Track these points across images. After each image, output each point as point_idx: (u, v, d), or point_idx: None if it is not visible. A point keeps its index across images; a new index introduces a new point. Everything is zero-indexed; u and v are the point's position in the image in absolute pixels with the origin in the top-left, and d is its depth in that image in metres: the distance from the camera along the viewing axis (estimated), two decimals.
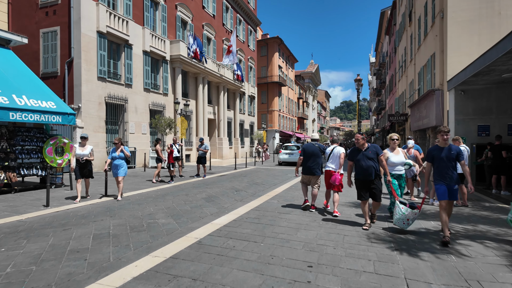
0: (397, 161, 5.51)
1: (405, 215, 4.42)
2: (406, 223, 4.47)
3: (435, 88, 13.74)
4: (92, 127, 13.87)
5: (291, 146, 20.16)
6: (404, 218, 4.43)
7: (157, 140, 10.83)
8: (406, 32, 23.42)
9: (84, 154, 7.04)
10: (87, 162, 7.14)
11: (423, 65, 17.23)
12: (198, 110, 21.93)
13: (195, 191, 8.34)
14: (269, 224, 4.99)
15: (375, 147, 4.94)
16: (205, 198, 7.30)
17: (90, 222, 5.02)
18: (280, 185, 9.85)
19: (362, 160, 4.85)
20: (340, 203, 6.78)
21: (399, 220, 4.50)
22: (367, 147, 4.94)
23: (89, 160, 7.18)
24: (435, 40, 14.39)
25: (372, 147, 4.94)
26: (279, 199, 7.37)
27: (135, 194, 7.85)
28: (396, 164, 5.51)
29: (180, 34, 20.55)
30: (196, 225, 4.91)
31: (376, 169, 4.83)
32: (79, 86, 13.42)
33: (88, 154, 7.13)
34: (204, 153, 11.75)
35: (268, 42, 40.79)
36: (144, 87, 17.07)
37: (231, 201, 7.01)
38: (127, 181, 10.39)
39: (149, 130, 17.37)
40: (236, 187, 9.34)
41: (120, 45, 15.75)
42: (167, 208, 6.14)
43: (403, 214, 4.42)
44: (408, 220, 4.43)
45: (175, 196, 7.60)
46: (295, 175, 6.56)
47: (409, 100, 21.89)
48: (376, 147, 4.96)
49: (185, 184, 9.79)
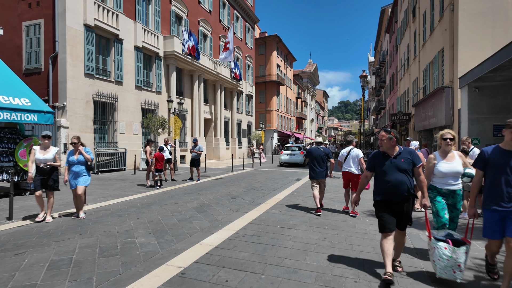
0: (450, 170, 3.55)
1: (453, 260, 2.89)
2: (458, 270, 2.89)
3: (444, 85, 12.94)
4: (79, 127, 12.94)
5: (292, 147, 19.67)
6: (453, 264, 2.89)
7: (148, 141, 9.94)
8: (409, 29, 22.64)
9: (47, 158, 5.37)
10: (52, 170, 5.46)
11: (429, 62, 16.43)
12: (194, 109, 21.02)
13: (186, 199, 7.44)
14: (271, 245, 4.12)
15: (410, 153, 3.23)
16: (197, 208, 6.41)
17: (53, 243, 4.12)
18: (280, 190, 8.98)
19: (389, 172, 3.16)
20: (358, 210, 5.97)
21: (446, 268, 2.93)
22: (398, 152, 3.22)
23: (55, 166, 5.53)
24: (443, 35, 13.59)
25: (406, 152, 3.23)
26: (280, 208, 6.50)
27: (117, 203, 6.95)
28: (448, 175, 3.57)
29: (175, 30, 19.63)
30: (181, 247, 4.03)
31: (410, 186, 3.15)
32: (64, 83, 12.48)
33: (52, 159, 5.43)
34: (198, 155, 10.86)
35: (266, 40, 39.92)
36: (136, 84, 16.15)
37: (226, 212, 6.13)
38: (112, 186, 9.48)
39: (141, 130, 16.44)
40: (232, 193, 8.45)
41: (110, 40, 14.81)
42: (150, 222, 5.25)
43: (450, 258, 2.90)
44: (460, 265, 2.88)
45: (162, 205, 6.70)
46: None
47: (412, 99, 21.10)
48: (411, 152, 3.24)
49: (176, 190, 8.88)
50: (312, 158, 6.20)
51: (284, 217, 5.66)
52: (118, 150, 14.71)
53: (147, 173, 9.66)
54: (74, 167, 5.57)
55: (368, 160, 3.48)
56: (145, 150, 9.71)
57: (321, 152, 6.19)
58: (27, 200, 7.14)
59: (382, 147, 3.28)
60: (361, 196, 7.07)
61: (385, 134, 3.23)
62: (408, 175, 3.17)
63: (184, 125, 20.52)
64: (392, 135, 3.21)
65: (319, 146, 6.42)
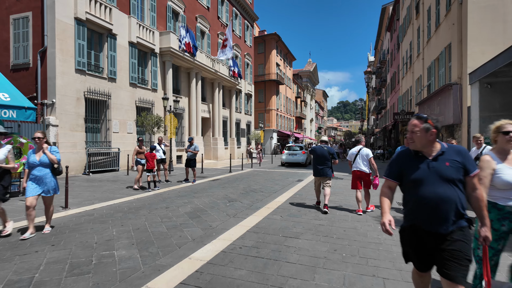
0: None
1: None
2: None
3: (452, 82, 12.36)
4: (69, 126, 12.31)
5: (294, 147, 19.30)
6: None
7: (139, 140, 9.29)
8: (412, 26, 22.10)
9: None
10: (3, 174, 4.37)
11: (434, 59, 15.87)
12: (191, 108, 20.40)
13: (179, 202, 6.83)
14: (273, 259, 3.52)
15: (459, 153, 2.06)
16: (190, 213, 5.80)
17: (16, 257, 3.51)
18: (281, 193, 8.38)
19: (426, 182, 2.02)
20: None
21: None
22: (441, 152, 2.06)
23: (7, 169, 4.37)
24: (450, 29, 13.03)
25: (453, 152, 2.07)
26: (282, 213, 5.90)
27: (103, 207, 6.34)
28: None
29: (171, 26, 19.02)
30: (167, 262, 3.43)
31: (462, 206, 1.98)
32: (53, 79, 11.86)
33: (2, 160, 4.33)
34: (194, 154, 10.25)
35: (266, 38, 39.35)
36: (130, 81, 15.52)
37: (222, 217, 5.53)
38: (102, 188, 8.87)
39: (136, 129, 15.82)
40: (230, 195, 7.85)
41: (103, 35, 14.19)
42: (136, 230, 4.64)
43: None
44: None
45: (151, 209, 6.09)
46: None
47: (416, 98, 20.55)
48: (461, 152, 2.07)
49: (169, 193, 8.27)
50: (315, 156, 6.31)
51: (286, 224, 5.06)
52: (111, 149, 14.10)
53: (138, 175, 9.04)
54: (36, 170, 4.35)
55: (390, 163, 2.29)
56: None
57: (324, 151, 6.25)
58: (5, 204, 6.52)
59: (414, 143, 2.09)
60: (370, 192, 6.61)
61: (418, 122, 2.05)
62: (458, 188, 1.98)
63: (181, 124, 19.92)
64: (430, 123, 2.02)
65: (323, 145, 6.43)
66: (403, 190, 2.19)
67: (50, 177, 4.46)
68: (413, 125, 2.10)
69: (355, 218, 5.55)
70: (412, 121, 2.13)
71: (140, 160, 9.01)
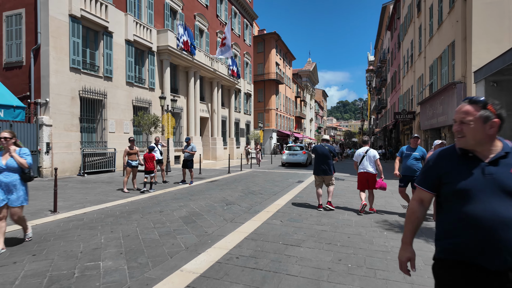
0: None
1: None
2: None
3: (456, 81, 12.08)
4: (63, 125, 12.00)
5: (294, 147, 19.18)
6: None
7: (130, 140, 8.89)
8: (413, 24, 21.82)
9: None
10: None
11: (436, 57, 15.59)
12: (189, 107, 20.09)
13: (174, 206, 6.53)
14: (272, 271, 3.22)
15: None
16: (185, 218, 5.50)
17: None
18: (281, 195, 8.09)
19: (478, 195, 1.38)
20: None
21: None
22: (503, 154, 1.41)
23: None
24: (454, 27, 12.74)
25: None
26: (282, 217, 5.60)
27: (94, 211, 6.04)
28: None
29: (169, 24, 18.70)
30: (157, 274, 3.13)
31: None
32: (47, 78, 11.54)
33: None
34: (191, 155, 9.94)
35: (265, 38, 39.04)
36: (127, 80, 15.21)
37: (218, 222, 5.23)
38: (95, 190, 8.56)
39: (133, 129, 15.51)
40: (228, 198, 7.55)
41: (98, 33, 13.88)
42: (126, 237, 4.34)
43: None
44: None
45: (145, 214, 5.79)
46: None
47: (417, 97, 20.27)
48: None
49: (164, 195, 7.97)
50: (317, 155, 6.36)
51: (287, 230, 4.76)
52: (107, 150, 13.79)
53: (131, 177, 8.71)
54: (2, 176, 3.76)
55: (424, 169, 1.63)
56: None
57: (325, 150, 6.28)
58: None
59: (464, 138, 1.46)
60: (374, 193, 6.52)
61: (471, 109, 1.43)
62: None
63: (179, 123, 19.61)
64: (490, 110, 1.40)
65: (324, 144, 6.45)
66: (441, 205, 1.54)
67: (18, 184, 3.86)
68: (464, 112, 1.44)
69: (359, 223, 5.26)
70: (462, 106, 1.47)
71: (131, 162, 8.68)
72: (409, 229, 1.59)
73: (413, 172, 5.70)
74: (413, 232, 1.58)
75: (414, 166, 5.71)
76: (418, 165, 5.72)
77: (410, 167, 5.74)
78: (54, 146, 11.60)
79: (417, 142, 5.96)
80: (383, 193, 8.07)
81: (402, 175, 5.85)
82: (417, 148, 5.86)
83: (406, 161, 5.82)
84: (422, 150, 5.84)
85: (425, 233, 4.59)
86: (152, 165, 8.98)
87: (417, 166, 5.70)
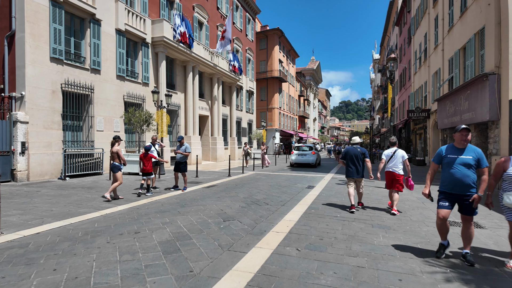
0: None
1: None
2: None
3: (488, 72, 10.59)
4: (42, 123, 10.63)
5: (303, 147, 18.43)
6: None
7: (115, 138, 7.46)
8: (427, 16, 20.31)
9: None
10: None
11: (458, 49, 14.08)
12: (188, 105, 18.69)
13: (156, 223, 5.09)
14: None
15: None
16: (165, 244, 4.06)
17: None
18: (291, 206, 6.66)
19: None
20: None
21: None
22: None
23: None
24: (483, 12, 11.26)
25: None
26: (298, 242, 4.17)
27: (52, 230, 4.62)
28: None
29: (165, 14, 17.31)
30: None
31: None
32: (22, 68, 10.17)
33: None
34: (184, 156, 8.52)
35: (268, 34, 37.58)
36: (118, 74, 13.82)
37: (211, 251, 3.80)
38: (69, 198, 7.15)
39: (124, 127, 14.12)
40: (226, 211, 6.12)
41: (85, 20, 12.49)
42: (70, 281, 2.92)
43: None
44: None
45: (114, 236, 4.36)
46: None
47: (433, 93, 18.77)
48: None
49: (148, 206, 6.53)
50: (348, 158, 6.38)
51: (308, 266, 3.32)
52: (94, 150, 12.40)
53: (113, 181, 7.29)
54: None
55: None
56: (111, 150, 7.23)
57: (357, 152, 6.34)
58: None
59: None
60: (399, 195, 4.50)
61: None
62: None
63: (176, 122, 18.21)
64: None
65: (356, 146, 6.49)
66: None
67: None
68: None
69: (407, 253, 3.81)
70: None
71: (118, 165, 7.28)
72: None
73: (465, 188, 3.54)
74: None
75: (467, 179, 3.52)
76: (472, 176, 3.54)
77: (459, 180, 3.55)
78: (30, 146, 10.22)
79: (467, 138, 3.61)
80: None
81: (445, 192, 3.68)
82: (467, 148, 3.62)
83: (449, 169, 3.65)
84: (476, 151, 3.59)
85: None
86: (150, 167, 7.89)
87: (471, 179, 3.52)
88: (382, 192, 8.65)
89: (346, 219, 5.42)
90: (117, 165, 7.25)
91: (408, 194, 8.20)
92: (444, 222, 3.67)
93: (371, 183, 10.47)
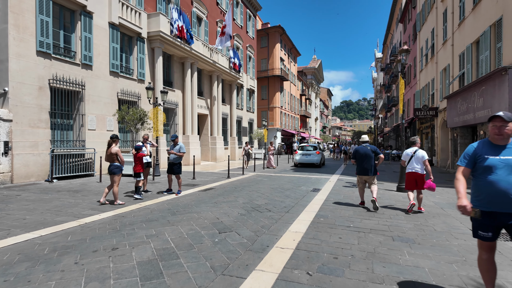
0: None
1: None
2: None
3: (507, 65, 9.83)
4: (28, 121, 9.91)
5: (307, 147, 18.03)
6: None
7: (113, 137, 6.68)
8: (434, 10, 19.52)
9: None
10: None
11: (471, 43, 13.31)
12: (186, 103, 17.96)
13: (139, 236, 4.36)
14: None
15: None
16: (146, 265, 3.32)
17: None
18: (296, 212, 5.92)
19: None
20: None
21: None
22: None
23: None
24: (501, 1, 10.49)
25: None
26: (308, 261, 3.43)
27: (14, 245, 3.90)
28: None
29: (162, 8, 16.59)
30: None
31: None
32: (5, 62, 9.47)
33: None
34: (178, 157, 7.78)
35: (269, 32, 36.81)
36: (111, 69, 13.10)
37: (200, 275, 3.06)
38: (50, 203, 6.42)
39: (117, 126, 13.39)
40: (223, 219, 5.38)
41: (75, 12, 11.78)
42: None
43: None
44: None
45: (86, 254, 3.62)
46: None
47: (441, 91, 18.00)
48: None
49: (135, 213, 5.79)
50: (359, 156, 6.35)
51: None
52: (85, 150, 11.68)
53: (111, 184, 6.55)
54: None
55: None
56: (109, 151, 6.45)
57: (368, 150, 6.32)
58: None
59: None
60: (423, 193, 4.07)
61: None
62: None
63: (174, 121, 17.49)
64: None
65: (366, 145, 6.46)
66: None
67: None
68: None
69: (444, 278, 3.06)
70: None
71: (119, 165, 6.58)
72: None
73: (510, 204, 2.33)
74: None
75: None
76: None
77: (503, 192, 2.33)
78: (14, 145, 9.51)
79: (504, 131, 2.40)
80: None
81: (482, 211, 2.44)
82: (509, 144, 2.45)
83: (487, 175, 2.43)
84: None
85: None
86: (141, 167, 7.31)
87: None
88: (393, 195, 7.90)
89: (361, 230, 4.68)
90: (118, 166, 6.51)
91: (423, 199, 7.45)
92: (491, 260, 2.49)
93: (380, 185, 9.72)
